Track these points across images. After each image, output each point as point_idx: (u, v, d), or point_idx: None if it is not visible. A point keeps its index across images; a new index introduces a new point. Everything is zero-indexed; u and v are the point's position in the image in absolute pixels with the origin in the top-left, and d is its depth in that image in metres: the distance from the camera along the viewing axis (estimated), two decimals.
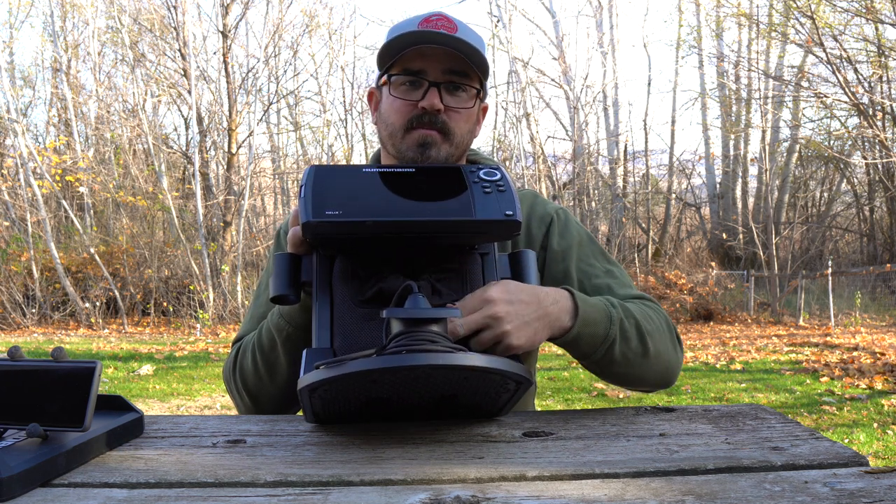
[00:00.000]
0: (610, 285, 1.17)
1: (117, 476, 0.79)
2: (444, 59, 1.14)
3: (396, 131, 1.17)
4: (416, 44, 1.13)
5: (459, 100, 1.17)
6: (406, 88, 1.16)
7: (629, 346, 1.03)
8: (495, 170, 0.95)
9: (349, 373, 0.73)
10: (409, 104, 1.16)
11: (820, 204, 19.56)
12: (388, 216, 0.85)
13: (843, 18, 13.05)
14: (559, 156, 18.75)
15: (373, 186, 0.90)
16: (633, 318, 1.04)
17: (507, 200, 0.89)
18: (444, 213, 0.88)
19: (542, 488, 0.75)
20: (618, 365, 1.03)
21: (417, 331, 0.77)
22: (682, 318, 12.54)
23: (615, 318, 1.01)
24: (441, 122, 1.16)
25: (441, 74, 1.15)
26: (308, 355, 0.91)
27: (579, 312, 0.97)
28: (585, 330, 0.98)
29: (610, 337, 1.00)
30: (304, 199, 0.87)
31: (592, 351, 1.01)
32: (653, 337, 1.06)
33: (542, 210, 1.25)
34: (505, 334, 0.89)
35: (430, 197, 0.91)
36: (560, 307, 0.96)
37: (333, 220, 0.84)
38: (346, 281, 0.94)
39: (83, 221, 14.01)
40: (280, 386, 1.14)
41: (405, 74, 1.15)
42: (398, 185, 0.91)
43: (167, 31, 14.63)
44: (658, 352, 1.07)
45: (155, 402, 5.51)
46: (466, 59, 1.14)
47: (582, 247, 1.22)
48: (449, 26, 1.14)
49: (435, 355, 0.72)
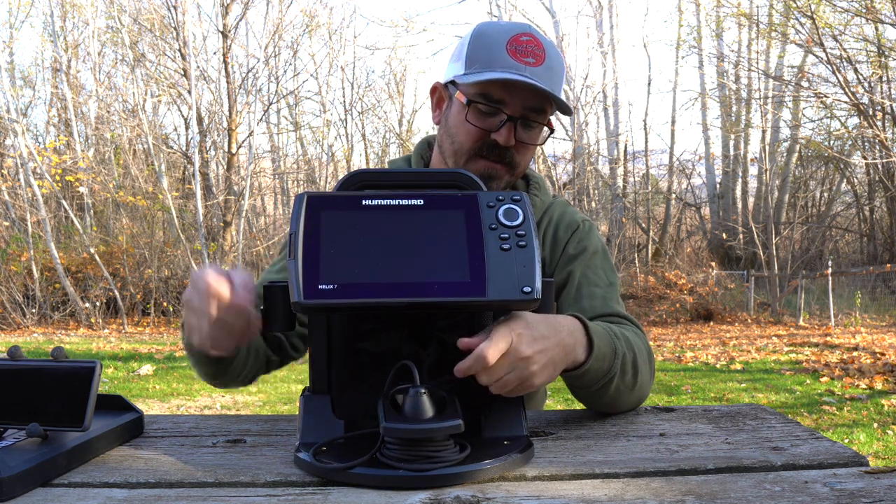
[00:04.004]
0: (606, 298, 1.17)
1: (117, 476, 0.79)
2: (527, 96, 1.13)
3: (462, 154, 1.17)
4: (503, 78, 1.10)
5: (530, 136, 1.17)
6: (481, 114, 1.15)
7: (624, 381, 1.00)
8: (518, 205, 0.83)
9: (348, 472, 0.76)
10: (481, 132, 1.15)
11: (820, 204, 19.55)
12: (387, 297, 0.76)
13: (843, 18, 13.05)
14: (559, 156, 18.73)
15: (372, 238, 0.79)
16: (632, 351, 1.02)
17: (526, 267, 0.79)
18: (451, 292, 0.77)
19: (542, 488, 0.75)
20: (607, 397, 1.01)
21: (415, 450, 0.77)
22: (682, 318, 12.53)
23: (619, 352, 0.98)
24: (509, 156, 1.16)
25: (520, 110, 1.14)
26: (305, 405, 0.89)
27: (594, 346, 0.93)
28: (595, 364, 0.94)
29: (613, 371, 0.97)
30: (294, 271, 0.76)
31: (593, 383, 0.97)
32: (641, 370, 1.03)
33: (570, 218, 1.27)
34: (531, 375, 0.84)
35: (437, 256, 0.79)
36: (575, 339, 0.91)
37: (327, 303, 0.76)
38: (344, 327, 0.90)
39: (83, 221, 14.00)
40: (234, 378, 1.12)
41: (485, 102, 1.13)
42: (401, 235, 0.80)
43: (167, 31, 14.62)
44: (641, 384, 1.05)
45: (155, 402, 5.51)
46: (549, 101, 1.14)
47: (594, 256, 1.23)
48: (538, 52, 1.12)
49: (436, 478, 0.75)
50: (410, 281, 0.77)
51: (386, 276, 0.77)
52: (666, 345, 9.16)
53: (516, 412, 0.89)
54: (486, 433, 0.88)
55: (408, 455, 0.76)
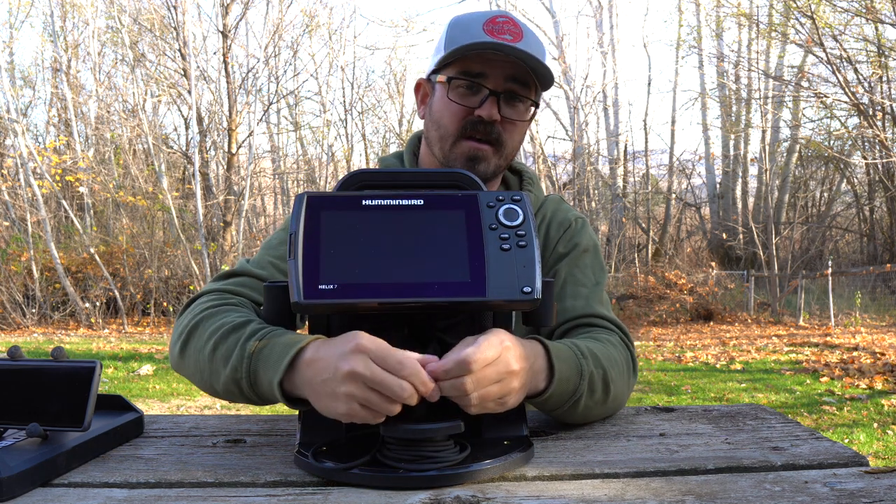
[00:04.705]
0: (589, 298, 1.14)
1: (117, 476, 0.79)
2: (507, 66, 1.10)
3: (448, 136, 1.14)
4: (479, 50, 1.08)
5: (516, 111, 1.14)
6: (463, 92, 1.12)
7: (593, 398, 0.95)
8: (518, 205, 0.83)
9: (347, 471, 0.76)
10: (464, 110, 1.12)
11: (820, 204, 19.55)
12: (387, 297, 0.76)
13: (843, 18, 13.04)
14: (559, 156, 18.76)
15: (372, 237, 0.79)
16: (601, 368, 0.96)
17: (526, 267, 0.78)
18: (451, 292, 0.77)
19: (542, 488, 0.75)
20: (577, 414, 0.97)
21: (415, 450, 0.77)
22: (682, 318, 12.53)
23: (585, 373, 0.92)
24: (496, 133, 1.13)
25: (502, 83, 1.11)
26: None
27: (555, 374, 0.87)
28: (558, 389, 0.89)
29: (578, 392, 0.92)
30: (294, 271, 0.76)
31: (558, 406, 0.93)
32: (615, 383, 0.99)
33: (562, 216, 1.24)
34: (511, 392, 0.80)
35: (438, 256, 0.79)
36: (537, 366, 0.86)
37: (327, 303, 0.75)
38: (344, 327, 0.88)
39: (83, 221, 14.00)
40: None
41: (464, 77, 1.11)
42: (401, 235, 0.80)
43: (167, 31, 14.62)
44: (615, 396, 1.00)
45: (155, 402, 5.51)
46: (530, 71, 1.11)
47: (584, 254, 1.21)
48: (514, 31, 1.10)
49: (436, 478, 0.75)
50: (410, 281, 0.77)
51: (386, 277, 0.77)
52: (666, 345, 9.16)
53: (516, 412, 0.89)
54: (486, 433, 0.88)
55: (408, 455, 0.76)
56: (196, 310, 0.97)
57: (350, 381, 0.73)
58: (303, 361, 0.79)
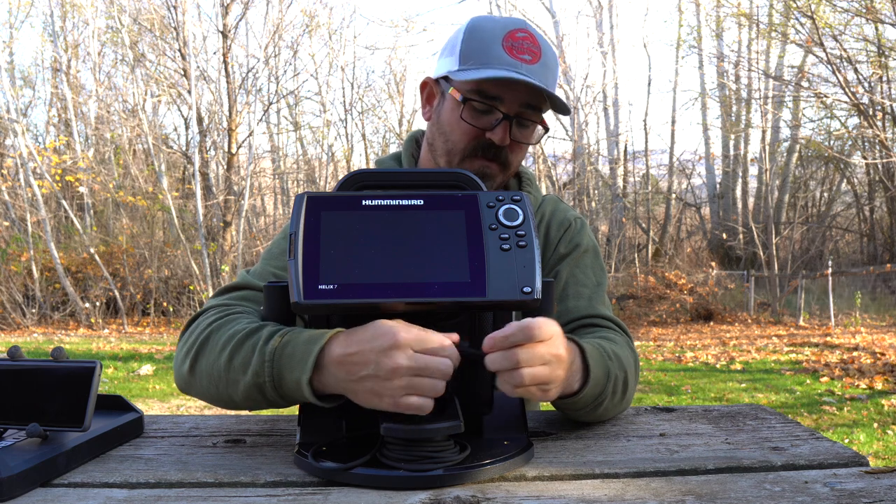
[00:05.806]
0: (592, 299, 1.14)
1: (117, 476, 0.79)
2: (524, 93, 1.10)
3: (456, 152, 1.14)
4: (501, 77, 1.07)
5: (525, 134, 1.15)
6: (476, 113, 1.12)
7: (613, 401, 0.96)
8: (518, 205, 0.83)
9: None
10: (476, 131, 1.12)
11: (820, 204, 19.54)
12: (387, 297, 0.76)
13: (843, 18, 13.04)
14: (559, 156, 18.74)
15: (372, 237, 0.79)
16: (623, 371, 0.97)
17: (526, 267, 0.78)
18: (451, 292, 0.77)
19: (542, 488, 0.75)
20: (594, 416, 0.97)
21: (415, 450, 0.77)
22: (682, 318, 12.53)
23: (612, 375, 0.93)
24: (503, 155, 1.14)
25: (516, 107, 1.11)
26: (306, 405, 0.86)
27: (590, 375, 0.87)
28: (589, 392, 0.89)
29: (604, 395, 0.93)
30: (294, 271, 0.76)
31: (583, 407, 0.93)
32: (629, 386, 1.00)
33: (562, 216, 1.24)
34: (555, 380, 0.79)
35: (438, 256, 0.78)
36: (574, 366, 0.85)
37: (327, 303, 0.75)
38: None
39: (83, 221, 14.00)
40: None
41: (481, 99, 1.10)
42: (401, 236, 0.79)
43: (167, 31, 14.61)
44: (628, 397, 1.02)
45: (155, 402, 5.50)
46: (547, 99, 1.12)
47: (585, 254, 1.21)
48: (534, 49, 1.10)
49: (436, 478, 0.75)
50: (410, 281, 0.77)
51: (386, 277, 0.77)
52: (666, 345, 9.16)
53: (516, 412, 0.89)
54: (486, 433, 0.88)
55: (408, 455, 0.76)
56: (202, 325, 0.94)
57: (396, 376, 0.74)
58: (331, 358, 0.78)
